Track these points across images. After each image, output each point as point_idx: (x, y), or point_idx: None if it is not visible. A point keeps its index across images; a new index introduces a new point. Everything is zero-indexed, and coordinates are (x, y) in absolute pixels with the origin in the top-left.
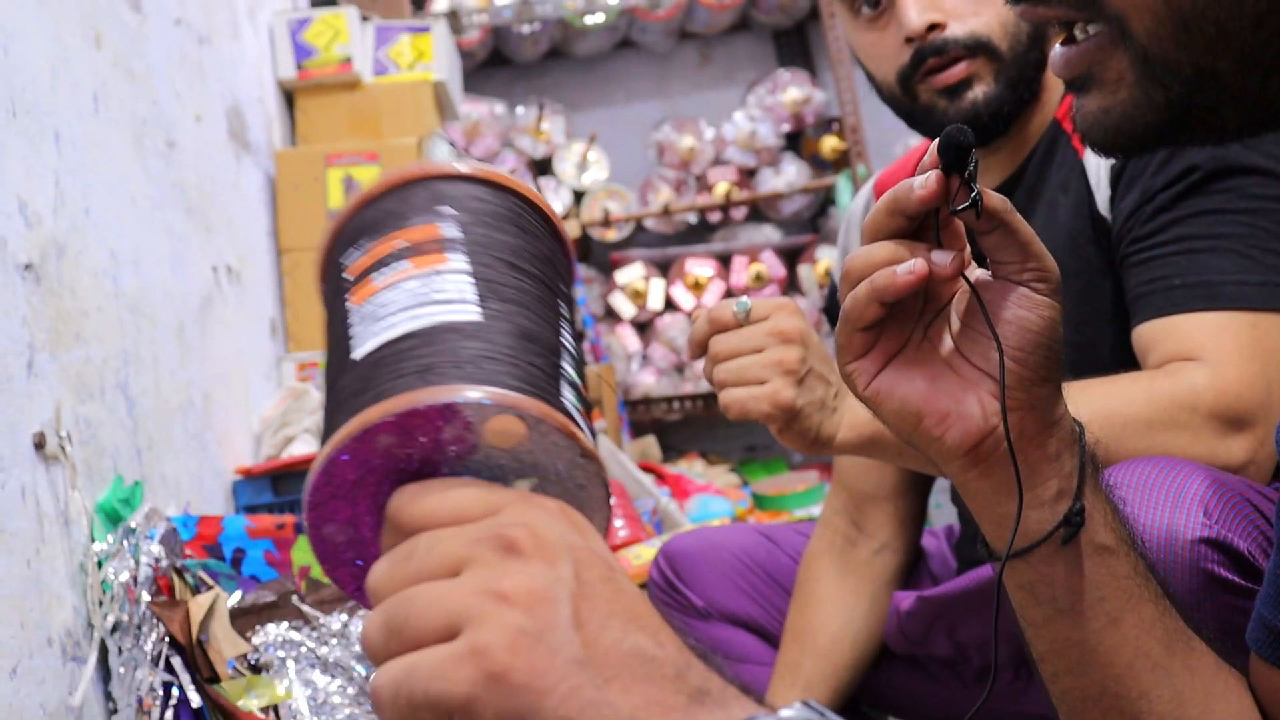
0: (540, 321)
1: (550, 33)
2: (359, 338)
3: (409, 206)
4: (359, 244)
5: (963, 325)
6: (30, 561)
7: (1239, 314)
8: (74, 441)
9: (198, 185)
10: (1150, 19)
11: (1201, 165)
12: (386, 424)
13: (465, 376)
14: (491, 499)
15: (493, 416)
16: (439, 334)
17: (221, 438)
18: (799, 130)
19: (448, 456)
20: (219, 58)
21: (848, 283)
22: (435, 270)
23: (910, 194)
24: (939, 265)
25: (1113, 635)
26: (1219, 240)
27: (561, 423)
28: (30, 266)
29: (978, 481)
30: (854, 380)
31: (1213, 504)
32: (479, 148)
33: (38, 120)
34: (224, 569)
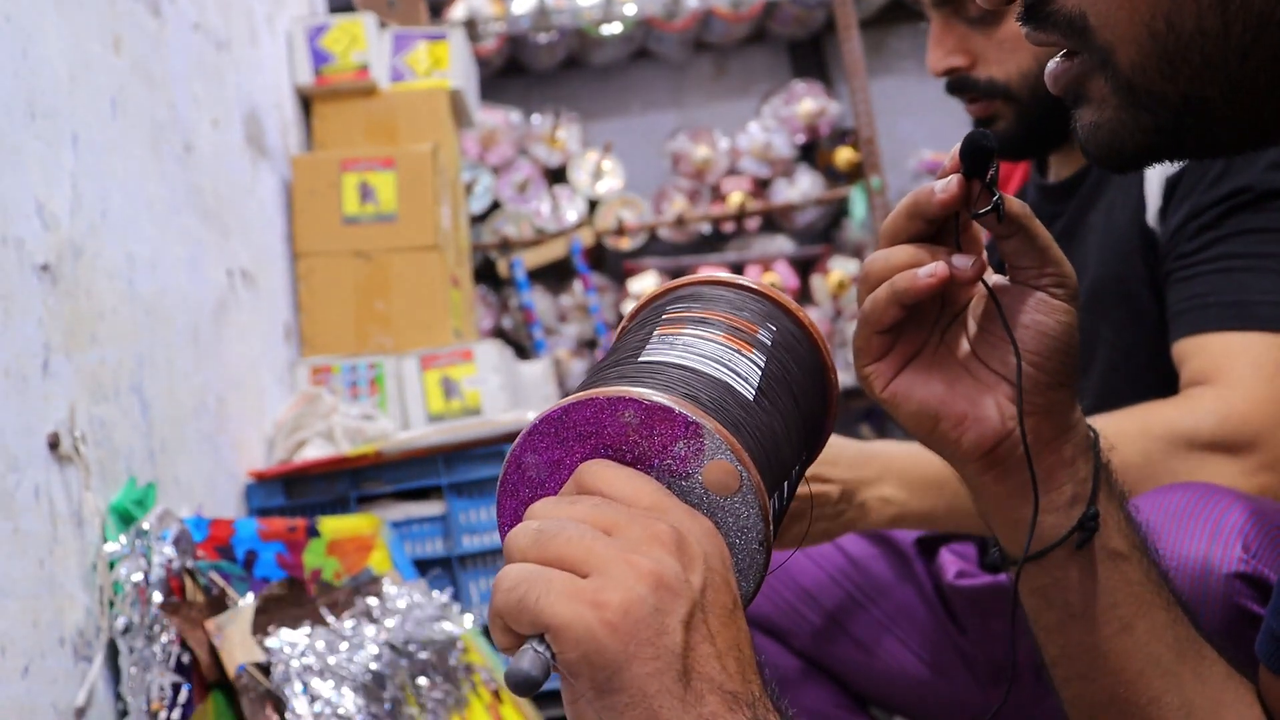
0: (788, 440)
1: (567, 42)
2: (652, 350)
3: (745, 307)
4: (689, 305)
5: (980, 329)
6: (43, 562)
7: (1267, 335)
8: (88, 442)
9: (214, 189)
10: (1135, 52)
11: (1254, 186)
12: (640, 404)
13: (721, 416)
14: (663, 501)
15: (721, 459)
16: (717, 385)
17: (235, 441)
18: (813, 141)
19: (661, 464)
20: (237, 63)
21: (866, 285)
22: (739, 351)
23: (931, 197)
24: (960, 269)
25: (1124, 641)
26: (1260, 260)
27: (764, 505)
28: (47, 268)
29: (994, 485)
30: (872, 382)
31: (1252, 537)
32: (494, 155)
33: (56, 123)
34: (236, 571)
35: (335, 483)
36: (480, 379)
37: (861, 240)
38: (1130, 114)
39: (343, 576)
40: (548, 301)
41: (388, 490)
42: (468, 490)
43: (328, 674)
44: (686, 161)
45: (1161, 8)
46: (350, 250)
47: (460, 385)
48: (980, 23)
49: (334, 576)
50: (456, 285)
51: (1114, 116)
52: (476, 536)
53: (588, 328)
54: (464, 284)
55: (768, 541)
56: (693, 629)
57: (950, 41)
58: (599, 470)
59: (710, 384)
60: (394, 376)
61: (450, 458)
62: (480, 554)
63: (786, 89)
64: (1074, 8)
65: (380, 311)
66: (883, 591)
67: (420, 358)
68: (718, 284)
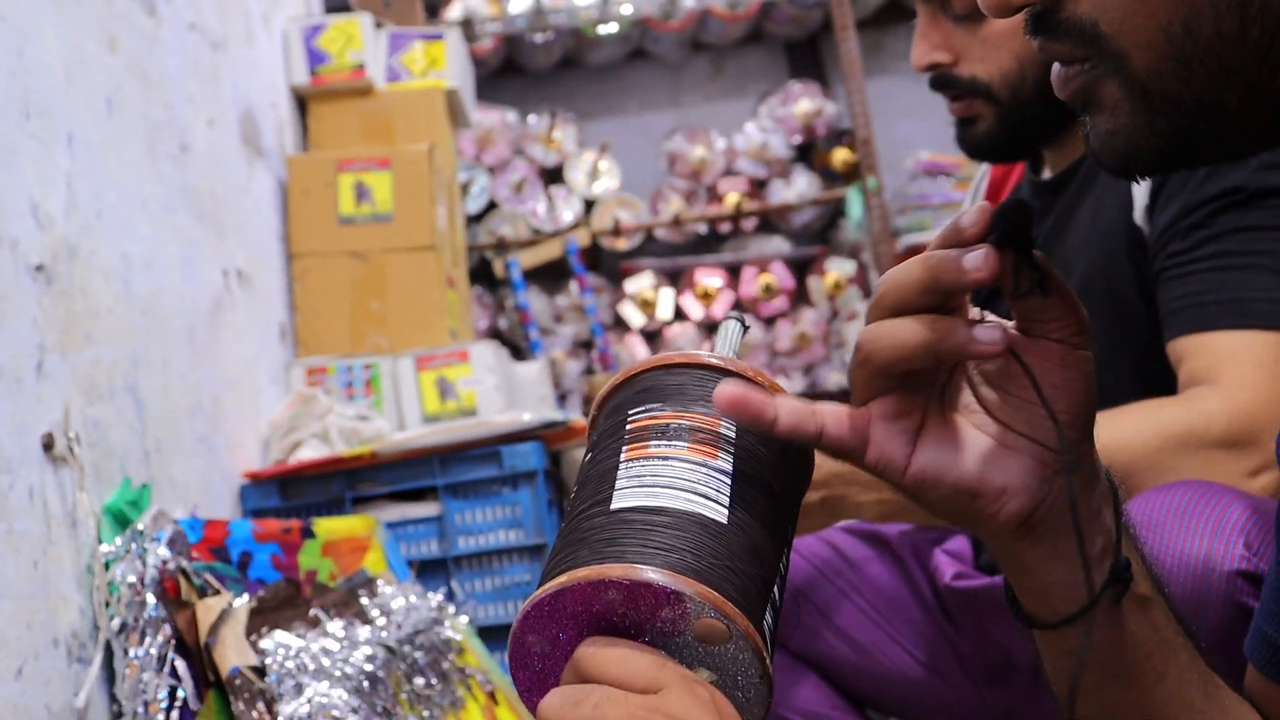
0: (769, 543)
1: (563, 42)
2: (622, 490)
3: (701, 392)
4: (647, 405)
5: (994, 389)
6: (38, 563)
7: (1267, 333)
8: (82, 443)
9: (210, 189)
10: (1151, 57)
11: (1245, 186)
12: (621, 584)
13: (698, 573)
14: (659, 676)
15: (708, 618)
16: (688, 522)
17: (230, 441)
18: (810, 142)
19: (654, 628)
20: (233, 63)
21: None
22: (704, 462)
23: (960, 275)
24: (990, 344)
25: (1160, 692)
26: (1256, 257)
27: (758, 646)
28: (41, 268)
29: (1028, 551)
30: (886, 470)
31: (1254, 535)
32: (491, 155)
33: (51, 122)
34: (230, 572)
35: (330, 483)
36: (476, 379)
37: (858, 241)
38: (1145, 120)
39: (338, 577)
40: (544, 302)
41: (383, 491)
42: (463, 491)
43: (322, 675)
44: (683, 162)
45: (1178, 13)
46: (346, 250)
47: (456, 386)
48: (966, 19)
49: (329, 578)
50: (452, 286)
51: (1129, 123)
52: (472, 538)
53: (584, 328)
54: (460, 284)
55: (767, 674)
56: None
57: (935, 37)
58: (595, 656)
59: (683, 524)
60: (389, 377)
61: (446, 458)
62: (475, 555)
63: (783, 89)
64: (1085, 16)
65: (376, 312)
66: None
67: (416, 358)
68: (673, 368)
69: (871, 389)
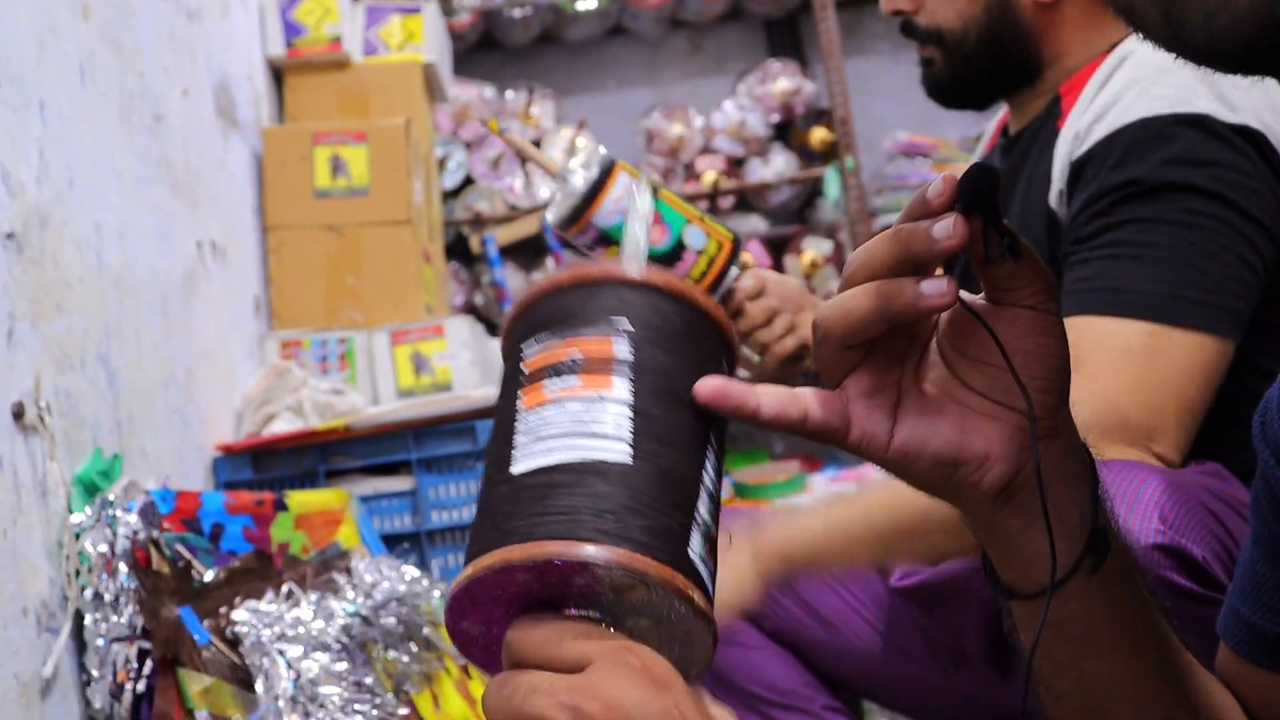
0: (685, 463)
1: (541, 17)
2: (520, 449)
3: (588, 310)
4: (539, 337)
5: (970, 358)
6: (7, 532)
7: (1138, 323)
8: (53, 412)
9: (184, 160)
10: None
11: (1146, 178)
12: (527, 566)
13: (602, 533)
14: (584, 652)
15: (618, 578)
16: (587, 475)
17: (203, 414)
18: (788, 121)
19: (574, 595)
20: (208, 34)
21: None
22: (600, 396)
23: (931, 244)
24: (936, 296)
25: (1137, 664)
26: (1144, 249)
27: (679, 586)
28: (12, 236)
29: (1009, 519)
30: (868, 447)
31: (1169, 509)
32: (468, 131)
33: (23, 90)
34: (202, 543)
35: (304, 457)
36: (451, 354)
37: (835, 220)
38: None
39: (310, 550)
40: (520, 278)
41: (356, 465)
42: (437, 465)
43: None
44: (661, 139)
45: None
46: (321, 224)
47: (431, 361)
48: None
49: (301, 550)
50: (428, 260)
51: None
52: (445, 512)
53: None
54: (436, 259)
55: (698, 609)
56: None
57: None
58: (521, 640)
59: (581, 479)
60: (364, 351)
61: (420, 433)
62: (448, 529)
63: (762, 68)
64: None
65: (351, 286)
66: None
67: (391, 333)
68: (559, 290)
69: (838, 367)
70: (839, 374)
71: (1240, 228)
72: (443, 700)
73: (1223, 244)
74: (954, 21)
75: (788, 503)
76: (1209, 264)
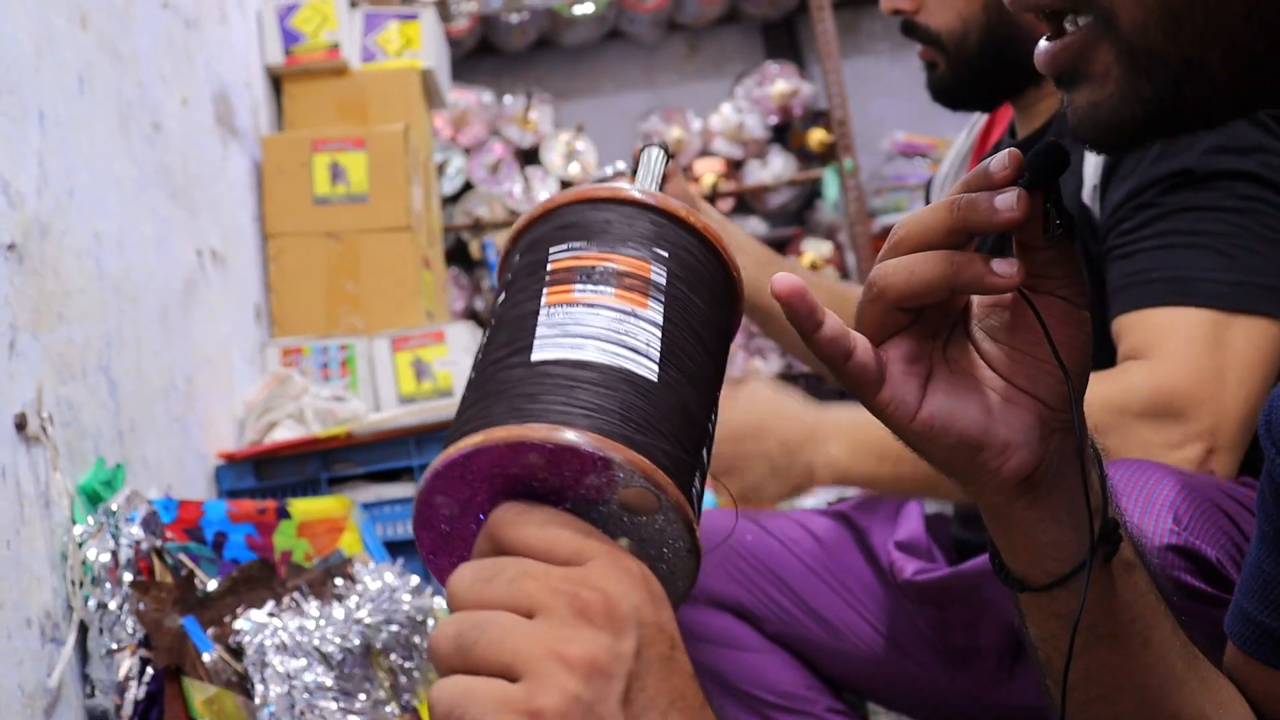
0: (700, 404)
1: (539, 22)
2: (543, 340)
3: (630, 231)
4: (570, 244)
5: (1000, 344)
6: (10, 542)
7: (1206, 311)
8: (55, 423)
9: (183, 168)
10: (1139, 10)
11: (1194, 169)
12: (543, 447)
13: (628, 438)
14: (583, 547)
15: (637, 486)
16: (616, 379)
17: (204, 422)
18: (786, 123)
19: (576, 494)
20: (206, 42)
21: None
22: (633, 311)
23: (992, 214)
24: (1007, 276)
25: (1145, 655)
26: (1200, 237)
27: (687, 517)
28: (13, 246)
29: (1025, 510)
30: (895, 412)
31: (1183, 510)
32: (466, 136)
33: (22, 99)
34: (205, 552)
35: (306, 464)
36: (452, 360)
37: (834, 221)
38: (1131, 85)
39: (313, 558)
40: None
41: (359, 472)
42: None
43: (299, 653)
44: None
45: None
46: (321, 231)
47: (432, 367)
48: None
49: (304, 558)
50: (428, 266)
51: (1115, 90)
52: None
53: None
54: (435, 265)
55: (695, 548)
56: (631, 702)
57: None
58: (512, 524)
59: (610, 381)
60: (365, 358)
61: (422, 439)
62: None
63: (759, 70)
64: None
65: (351, 292)
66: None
67: (392, 339)
68: (598, 202)
69: (883, 327)
70: (882, 334)
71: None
72: None
73: (1278, 228)
74: (954, 22)
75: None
76: (1269, 249)
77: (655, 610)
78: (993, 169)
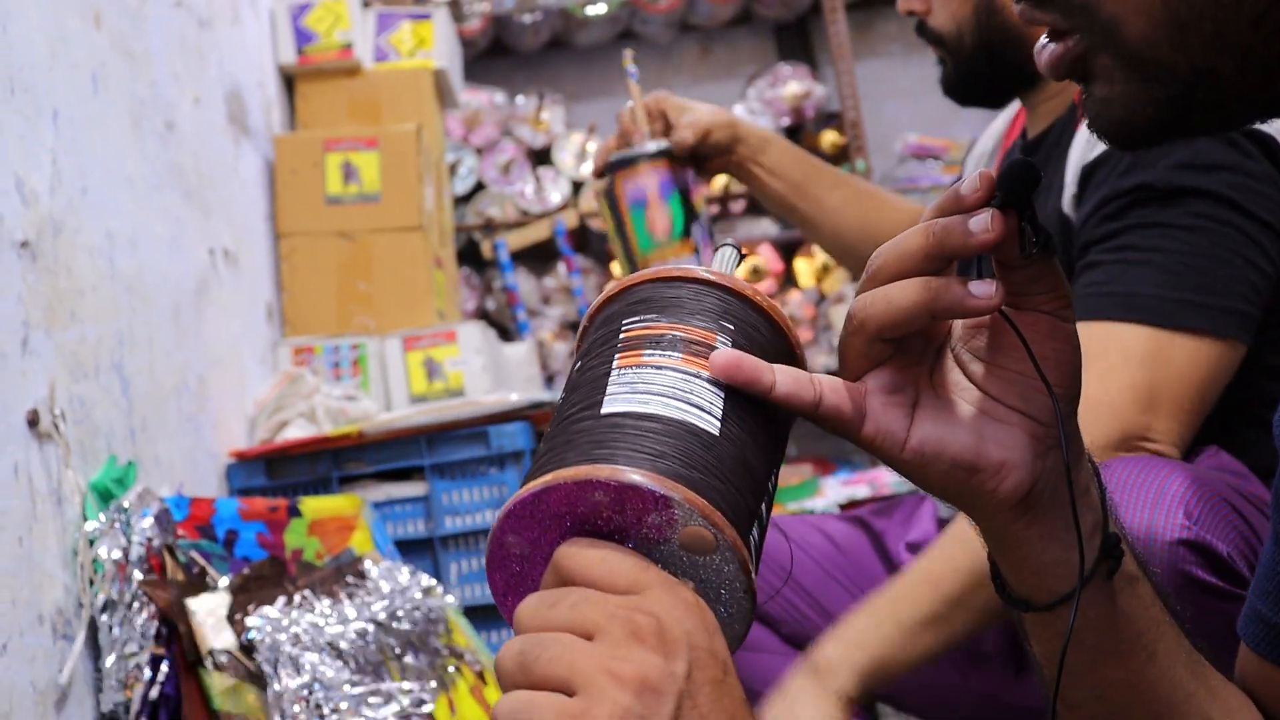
0: (759, 461)
1: (551, 23)
2: (613, 396)
3: (698, 306)
4: (642, 316)
5: (988, 364)
6: (22, 539)
7: (1145, 328)
8: (68, 420)
9: (196, 168)
10: (1145, 23)
11: (1156, 184)
12: (608, 485)
13: (689, 481)
14: (641, 578)
15: (696, 525)
16: (679, 430)
17: (216, 421)
18: (799, 124)
19: (639, 534)
20: (219, 41)
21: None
22: (698, 374)
23: (967, 238)
24: (986, 298)
25: (1151, 670)
26: (1153, 254)
27: (744, 558)
28: (26, 244)
29: (1025, 530)
30: (884, 445)
31: (1194, 505)
32: (478, 136)
33: (35, 98)
34: (216, 550)
35: (317, 463)
36: (463, 360)
37: None
38: (1139, 87)
39: (324, 556)
40: (531, 283)
41: (370, 471)
42: (450, 471)
43: (314, 648)
44: None
45: None
46: (333, 230)
47: (443, 366)
48: None
49: (315, 556)
50: (440, 266)
51: (1124, 90)
52: (458, 517)
53: (571, 310)
54: (447, 265)
55: (751, 589)
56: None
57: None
58: (576, 556)
59: (674, 432)
60: (376, 357)
61: (433, 438)
62: (462, 535)
63: (772, 71)
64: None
65: (363, 292)
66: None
67: (403, 339)
68: (670, 281)
69: (866, 359)
70: (863, 366)
71: (1249, 231)
72: (459, 705)
73: (1231, 248)
74: (949, 25)
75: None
76: (1217, 268)
77: (708, 637)
78: (964, 192)
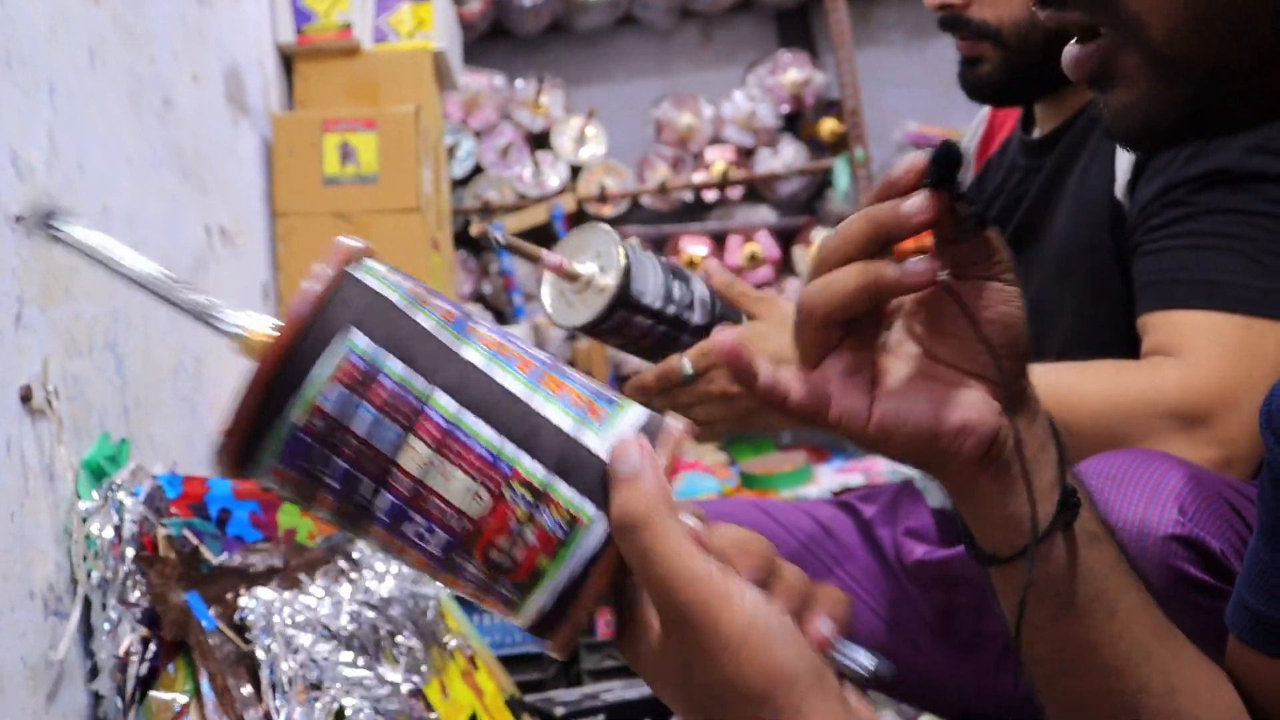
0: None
1: (551, 6)
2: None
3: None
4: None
5: (939, 334)
6: (14, 515)
7: (1235, 316)
8: (61, 397)
9: (193, 146)
10: (1169, 20)
11: (1231, 169)
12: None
13: None
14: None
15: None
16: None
17: (212, 402)
18: (798, 112)
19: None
20: (218, 19)
21: (809, 326)
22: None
23: (904, 219)
24: (920, 273)
25: (1111, 628)
26: (1230, 240)
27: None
28: (21, 219)
29: (989, 485)
30: (848, 425)
31: (1188, 501)
32: (477, 119)
33: (33, 73)
34: (209, 529)
35: None
36: None
37: (845, 212)
38: (1163, 87)
39: (317, 537)
40: (528, 267)
41: None
42: None
43: (307, 629)
44: (670, 129)
45: None
46: (330, 211)
47: None
48: None
49: (308, 537)
50: (437, 249)
51: (1147, 92)
52: None
53: None
54: (444, 248)
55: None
56: None
57: None
58: None
59: None
60: None
61: None
62: None
63: (772, 58)
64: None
65: None
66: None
67: None
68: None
69: (820, 346)
70: (819, 354)
71: None
72: (450, 689)
73: None
74: (1021, 13)
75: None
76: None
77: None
78: (895, 176)
